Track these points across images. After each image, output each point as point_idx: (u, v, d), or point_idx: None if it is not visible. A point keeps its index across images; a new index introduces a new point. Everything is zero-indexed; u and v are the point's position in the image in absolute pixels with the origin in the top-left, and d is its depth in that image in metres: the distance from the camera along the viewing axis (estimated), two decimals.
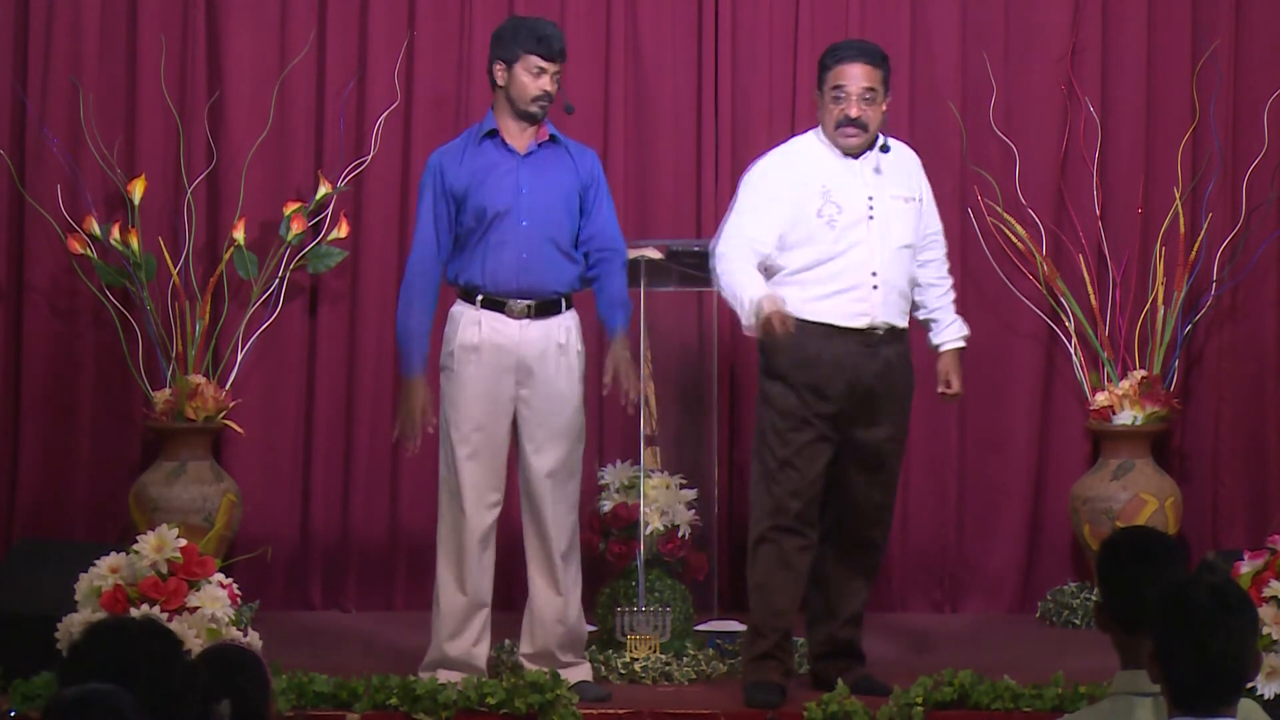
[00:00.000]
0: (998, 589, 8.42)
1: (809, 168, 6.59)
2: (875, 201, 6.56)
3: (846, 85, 6.54)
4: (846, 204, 6.53)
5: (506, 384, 6.64)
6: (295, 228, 8.14)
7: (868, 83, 6.55)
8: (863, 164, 6.60)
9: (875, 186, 6.58)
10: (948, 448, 8.39)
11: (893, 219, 6.57)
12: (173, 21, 8.26)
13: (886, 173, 6.62)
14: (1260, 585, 6.18)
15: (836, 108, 6.55)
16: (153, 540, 6.23)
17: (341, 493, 8.33)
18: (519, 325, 6.64)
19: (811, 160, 6.62)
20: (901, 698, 6.35)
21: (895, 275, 6.55)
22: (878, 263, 6.52)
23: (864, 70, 6.57)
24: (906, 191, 6.64)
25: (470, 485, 6.63)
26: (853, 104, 6.54)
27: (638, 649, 6.96)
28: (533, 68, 6.64)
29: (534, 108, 6.65)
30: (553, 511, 6.66)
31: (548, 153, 6.71)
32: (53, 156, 8.16)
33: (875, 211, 6.55)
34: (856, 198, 6.55)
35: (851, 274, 6.51)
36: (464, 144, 6.75)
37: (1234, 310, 8.44)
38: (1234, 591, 3.68)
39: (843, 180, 6.56)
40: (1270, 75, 8.39)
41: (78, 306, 8.23)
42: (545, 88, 6.64)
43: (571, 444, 6.69)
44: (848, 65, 6.57)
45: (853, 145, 6.58)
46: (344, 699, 6.39)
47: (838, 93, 6.55)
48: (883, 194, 6.58)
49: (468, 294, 6.69)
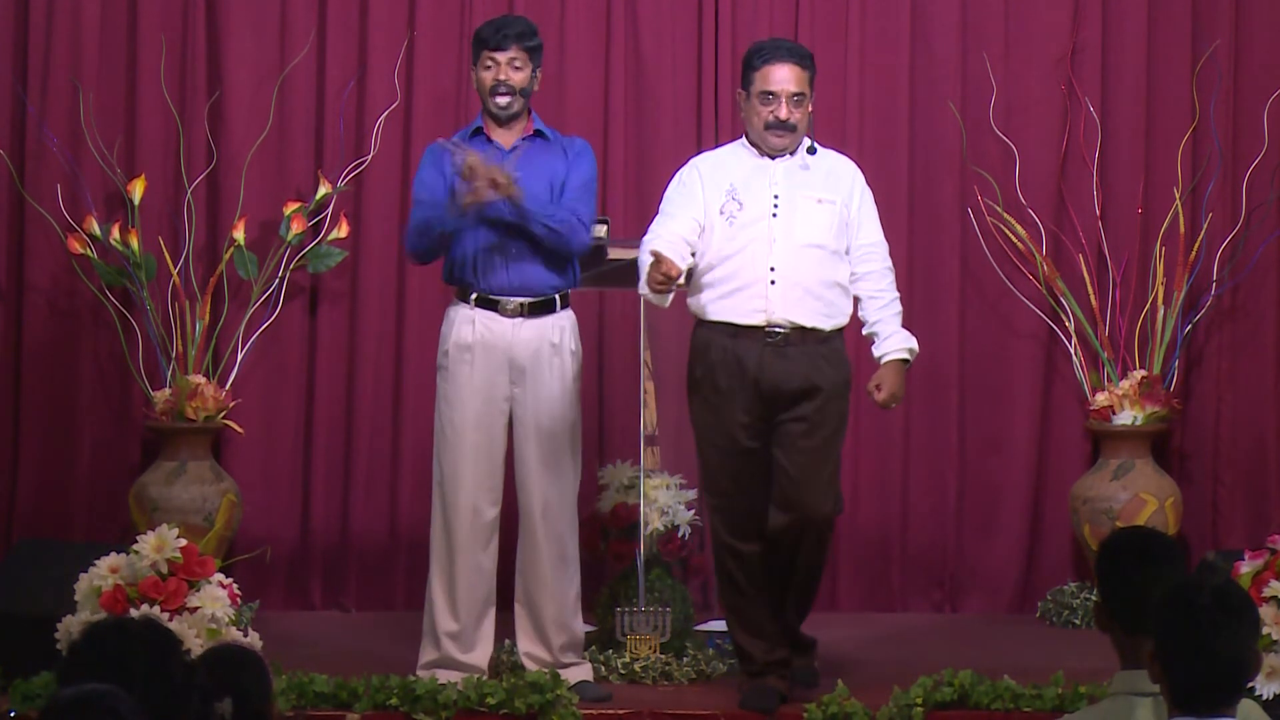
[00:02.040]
0: (998, 589, 8.42)
1: (721, 168, 6.59)
2: (781, 199, 6.51)
3: (775, 88, 6.51)
4: (749, 201, 6.50)
5: (500, 383, 6.64)
6: (295, 228, 8.14)
7: (796, 86, 6.52)
8: (778, 164, 6.56)
9: (786, 185, 6.53)
10: (948, 448, 8.39)
11: (799, 217, 6.49)
12: (173, 21, 8.26)
13: (810, 174, 6.56)
14: (1260, 585, 6.18)
15: (766, 109, 6.52)
16: (153, 540, 6.23)
17: (341, 493, 8.33)
18: (512, 324, 6.65)
19: (726, 162, 6.61)
20: (901, 698, 6.35)
21: (800, 273, 6.44)
22: (776, 259, 6.45)
23: (793, 72, 6.53)
24: (824, 193, 6.54)
25: (465, 485, 6.64)
26: (782, 106, 6.51)
27: (638, 649, 6.96)
28: (486, 61, 6.71)
29: (493, 105, 6.70)
30: (547, 512, 6.66)
31: (534, 148, 6.73)
32: (53, 156, 8.16)
33: (780, 209, 6.49)
34: (761, 196, 6.51)
35: (748, 271, 6.46)
36: (456, 142, 6.79)
37: (1234, 310, 8.44)
38: (1236, 593, 3.68)
39: (751, 179, 6.54)
40: (1270, 75, 8.39)
41: (78, 306, 8.23)
42: (498, 77, 6.68)
43: (565, 444, 6.69)
44: (776, 67, 6.53)
45: (780, 145, 6.54)
46: (344, 699, 6.40)
47: (766, 95, 6.52)
48: (794, 193, 6.52)
49: (462, 293, 6.70)
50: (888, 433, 8.34)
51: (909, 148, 8.41)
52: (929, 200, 8.43)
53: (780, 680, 6.56)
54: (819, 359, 6.46)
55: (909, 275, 8.36)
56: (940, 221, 8.43)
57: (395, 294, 8.34)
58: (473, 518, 6.65)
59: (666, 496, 7.27)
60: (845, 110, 8.39)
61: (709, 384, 6.48)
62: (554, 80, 8.30)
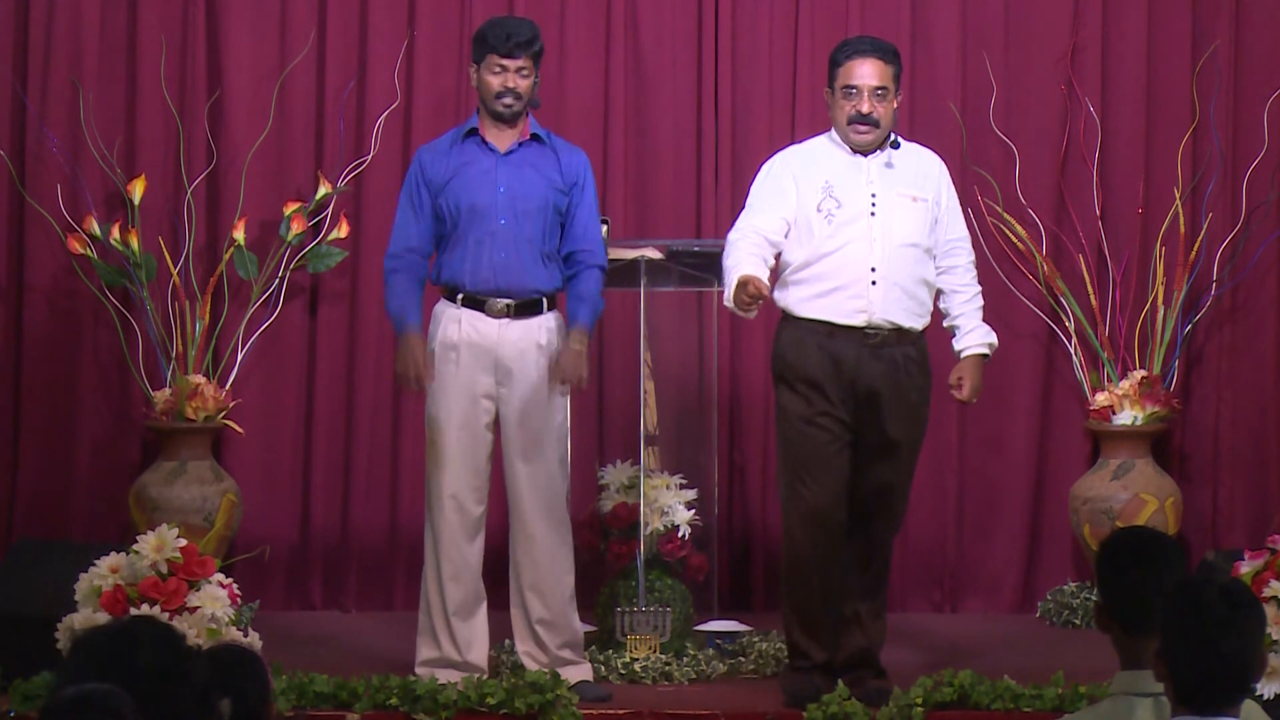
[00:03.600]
0: (998, 589, 8.42)
1: (815, 164, 6.58)
2: (879, 198, 6.52)
3: (858, 82, 6.53)
4: (847, 200, 6.50)
5: (485, 382, 6.65)
6: (295, 228, 8.14)
7: (879, 80, 6.54)
8: (871, 161, 6.57)
9: (881, 184, 6.54)
10: (948, 448, 8.38)
11: (897, 216, 6.52)
12: (173, 21, 8.26)
13: (898, 170, 6.58)
14: (1260, 585, 6.19)
15: (848, 104, 6.53)
16: (153, 540, 6.23)
17: (341, 493, 8.33)
18: (498, 324, 6.66)
19: (818, 157, 6.60)
20: (901, 698, 6.35)
21: (898, 273, 6.49)
22: (877, 259, 6.48)
23: (875, 67, 6.55)
24: (917, 191, 6.58)
25: (451, 484, 6.65)
26: (864, 100, 6.52)
27: (638, 649, 6.96)
28: (494, 66, 6.69)
29: (498, 106, 6.69)
30: (536, 512, 6.66)
31: (530, 152, 6.73)
32: (53, 156, 8.16)
33: (878, 208, 6.51)
34: (859, 194, 6.52)
35: (849, 270, 6.47)
36: (448, 142, 6.82)
37: (1234, 310, 8.43)
38: (1243, 592, 3.69)
39: (846, 176, 6.54)
40: (1270, 75, 8.39)
41: (78, 306, 8.23)
42: (506, 84, 6.67)
43: (552, 443, 6.69)
44: (859, 62, 6.55)
45: (865, 142, 6.56)
46: (344, 699, 6.40)
47: (849, 90, 6.54)
48: (889, 191, 6.53)
49: (449, 292, 6.72)
50: None
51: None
52: None
53: (824, 679, 6.51)
54: (911, 364, 6.52)
55: None
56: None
57: None
58: (458, 514, 6.66)
59: (666, 496, 7.27)
60: None
61: (801, 378, 6.46)
62: (554, 80, 8.30)
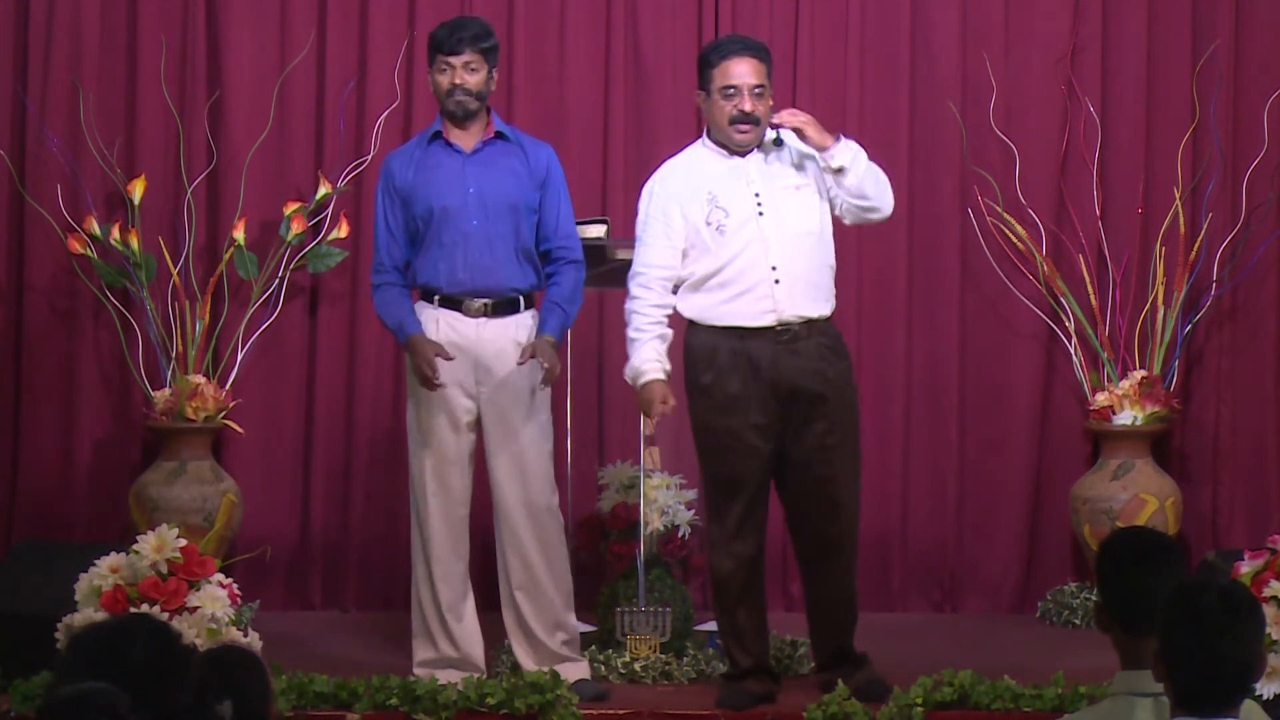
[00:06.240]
0: (998, 589, 8.42)
1: (694, 177, 6.56)
2: (763, 196, 6.51)
3: (737, 81, 6.51)
4: (733, 206, 6.49)
5: (466, 382, 6.65)
6: (295, 228, 8.14)
7: (756, 78, 6.52)
8: (748, 162, 6.56)
9: (762, 181, 6.53)
10: (948, 448, 8.38)
11: (784, 210, 6.51)
12: (173, 21, 8.26)
13: (777, 164, 6.57)
14: (1260, 585, 6.18)
15: (729, 104, 6.51)
16: (153, 540, 6.23)
17: (341, 493, 8.33)
18: (475, 324, 6.66)
19: (694, 170, 6.59)
20: (901, 698, 6.35)
21: (798, 265, 6.47)
22: (775, 257, 6.46)
23: (752, 65, 6.53)
24: (798, 179, 6.56)
25: (434, 484, 6.65)
26: (745, 99, 6.51)
27: (638, 649, 6.96)
28: (441, 65, 6.70)
29: (450, 104, 6.69)
30: (518, 510, 6.65)
31: (496, 150, 6.73)
32: (53, 156, 8.16)
33: (764, 207, 6.50)
34: (743, 197, 6.50)
35: (750, 274, 6.46)
36: (413, 146, 6.84)
37: (1234, 310, 8.43)
38: (1242, 594, 3.68)
39: (727, 183, 6.52)
40: (1270, 75, 8.38)
41: (78, 306, 8.23)
42: (454, 81, 6.67)
43: (534, 441, 6.68)
44: (735, 61, 6.53)
45: (746, 141, 6.54)
46: (344, 699, 6.40)
47: (728, 89, 6.51)
48: (771, 186, 6.52)
49: (426, 294, 6.73)
50: (888, 433, 8.34)
51: (909, 148, 8.40)
52: (929, 200, 8.43)
53: (758, 684, 6.56)
54: (826, 351, 6.49)
55: (909, 275, 8.38)
56: (940, 221, 8.43)
57: None
58: (444, 515, 6.67)
59: (666, 496, 7.27)
60: (845, 110, 8.37)
61: (719, 389, 6.46)
62: (554, 80, 8.31)
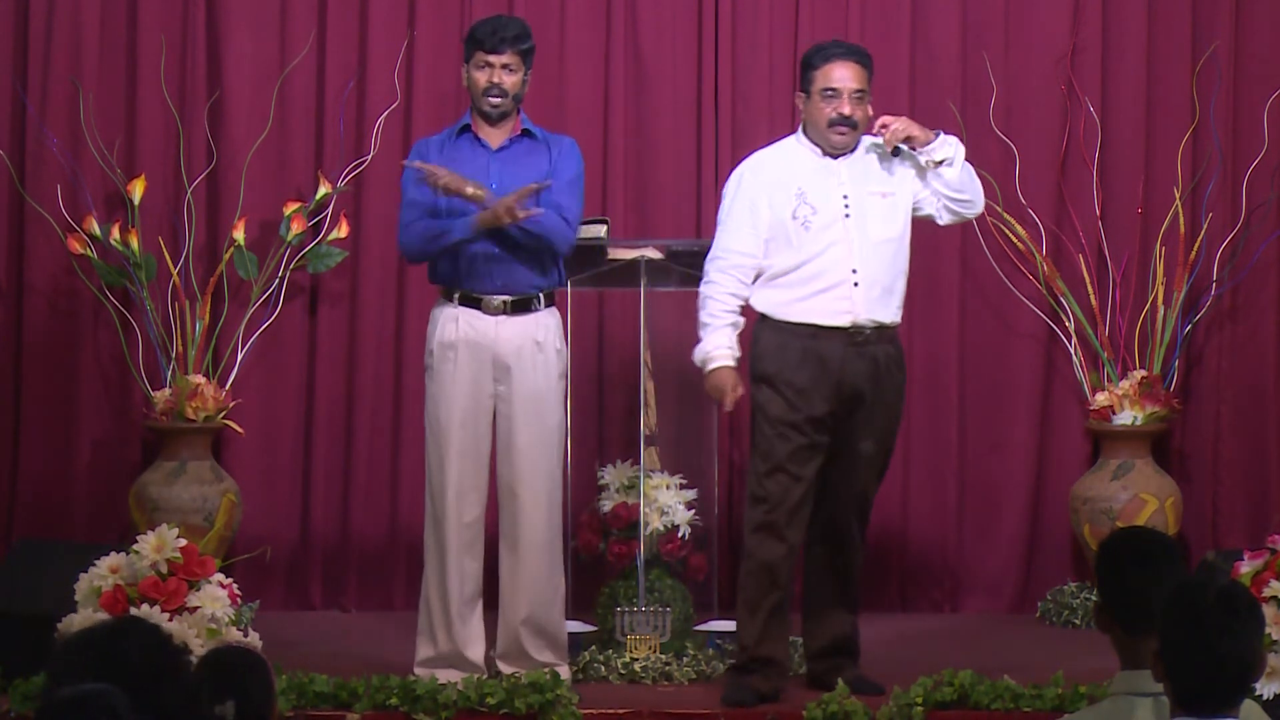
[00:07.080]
0: (998, 589, 8.42)
1: (785, 170, 6.64)
2: (851, 200, 6.59)
3: (839, 85, 6.60)
4: (821, 204, 6.57)
5: (485, 381, 6.65)
6: (295, 228, 8.14)
7: (857, 83, 6.62)
8: (840, 163, 6.64)
9: (852, 185, 6.61)
10: (948, 448, 8.39)
11: (870, 215, 6.59)
12: (173, 21, 8.26)
13: (868, 169, 6.65)
14: (1260, 585, 6.19)
15: (829, 106, 6.60)
16: (153, 540, 6.23)
17: (341, 493, 8.33)
18: (495, 321, 6.66)
19: (786, 164, 6.67)
20: (901, 698, 6.35)
21: (878, 271, 6.57)
22: (857, 260, 6.55)
23: (854, 70, 6.64)
24: (886, 186, 6.66)
25: (453, 483, 6.66)
26: (845, 102, 6.60)
27: (638, 649, 6.96)
28: (480, 63, 6.73)
29: (485, 105, 6.72)
30: (529, 509, 6.66)
31: (522, 147, 6.75)
32: (53, 156, 8.16)
33: (851, 209, 6.58)
34: (831, 197, 6.59)
35: (831, 273, 6.55)
36: (443, 139, 6.85)
37: (1234, 310, 8.43)
38: (1242, 594, 3.68)
39: (817, 181, 6.61)
40: (1270, 75, 8.39)
41: (78, 306, 8.23)
42: (492, 80, 6.69)
43: (549, 442, 6.69)
44: (838, 65, 6.63)
45: (843, 143, 6.64)
46: (344, 699, 6.40)
47: (829, 92, 6.60)
48: (859, 191, 6.61)
49: (446, 291, 6.72)
50: None
51: None
52: None
53: (764, 680, 6.58)
54: (891, 363, 6.62)
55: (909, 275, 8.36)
56: None
57: (395, 294, 8.33)
58: (460, 514, 6.66)
59: (666, 496, 7.27)
60: None
61: (784, 380, 6.53)
62: (554, 80, 8.31)
